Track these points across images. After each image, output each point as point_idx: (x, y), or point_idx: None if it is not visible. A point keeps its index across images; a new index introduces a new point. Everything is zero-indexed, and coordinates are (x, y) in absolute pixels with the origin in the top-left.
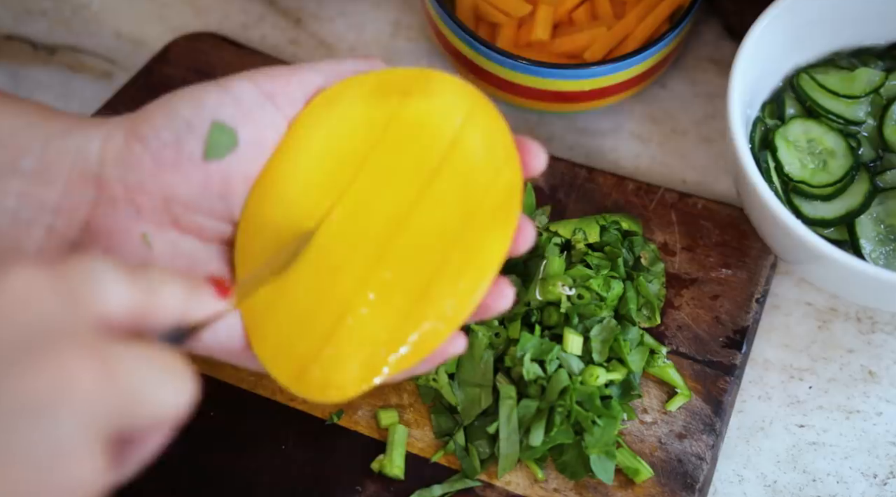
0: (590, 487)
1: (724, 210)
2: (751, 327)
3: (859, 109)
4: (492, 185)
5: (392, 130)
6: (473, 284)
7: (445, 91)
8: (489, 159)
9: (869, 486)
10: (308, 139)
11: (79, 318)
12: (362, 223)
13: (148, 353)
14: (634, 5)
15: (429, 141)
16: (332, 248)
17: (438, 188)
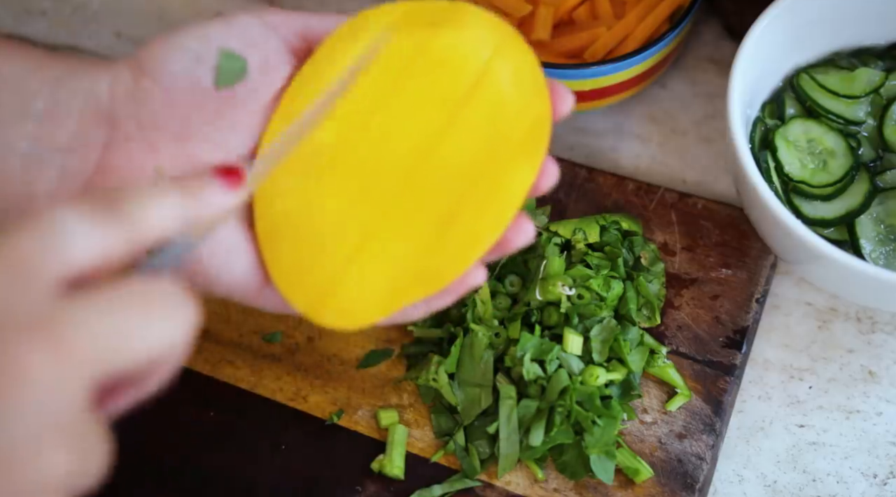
0: (590, 487)
1: (724, 210)
2: (751, 327)
3: (859, 109)
4: (520, 117)
5: (420, 60)
6: (498, 216)
7: (475, 24)
8: (518, 92)
9: (869, 486)
10: (332, 66)
11: (34, 294)
12: (387, 151)
13: (122, 299)
14: (634, 5)
15: (457, 72)
16: (354, 174)
17: (466, 119)
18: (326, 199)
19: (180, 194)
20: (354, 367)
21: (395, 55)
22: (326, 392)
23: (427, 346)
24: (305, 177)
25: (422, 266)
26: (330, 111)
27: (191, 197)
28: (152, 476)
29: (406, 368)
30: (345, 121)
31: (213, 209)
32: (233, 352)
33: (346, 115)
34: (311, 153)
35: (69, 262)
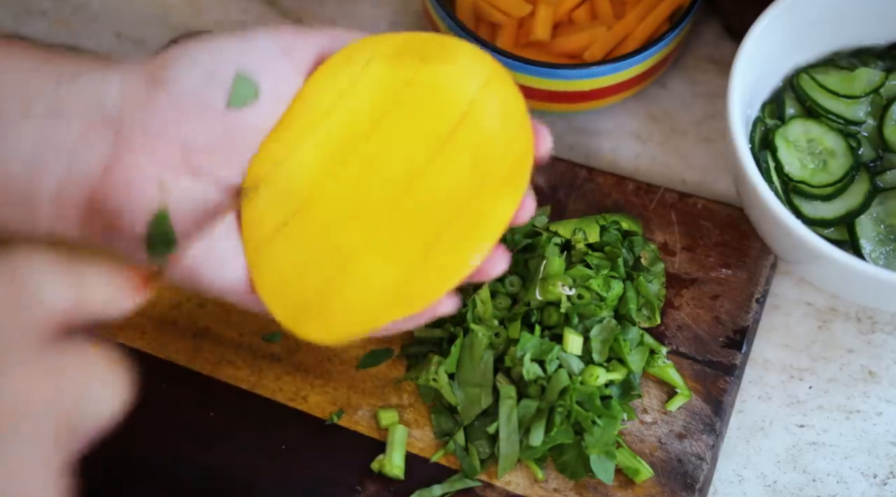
0: (590, 487)
1: (724, 210)
2: (751, 327)
3: (859, 109)
4: (505, 151)
5: (408, 93)
6: (478, 245)
7: (464, 58)
8: (504, 126)
9: (869, 486)
10: (322, 95)
11: (24, 324)
12: (374, 180)
13: (88, 354)
14: (634, 5)
15: (444, 106)
16: (341, 201)
17: (451, 152)
18: (310, 224)
19: (110, 275)
20: (354, 367)
21: (385, 85)
22: (326, 392)
23: (427, 346)
24: (292, 197)
25: (403, 288)
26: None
27: (116, 282)
28: (152, 475)
29: (406, 368)
30: (334, 146)
31: (125, 304)
32: (233, 352)
33: (335, 140)
34: (299, 176)
35: (50, 303)
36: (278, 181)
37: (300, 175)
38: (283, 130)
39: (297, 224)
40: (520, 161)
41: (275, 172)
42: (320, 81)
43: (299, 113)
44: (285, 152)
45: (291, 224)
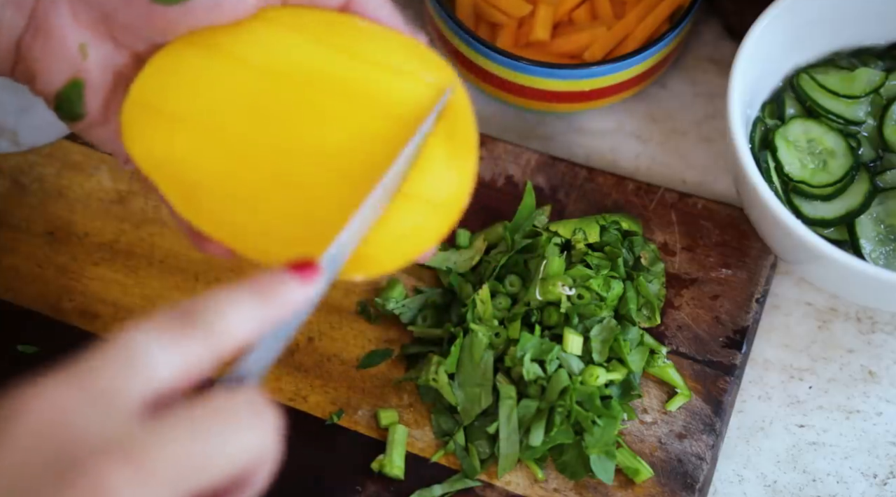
0: (590, 487)
1: (724, 210)
2: (751, 327)
3: (859, 109)
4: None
5: (331, 83)
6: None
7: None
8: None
9: (869, 486)
10: (252, 41)
11: (117, 418)
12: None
13: (201, 418)
14: (634, 5)
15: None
16: (268, 158)
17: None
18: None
19: (258, 298)
20: (354, 367)
21: (306, 64)
22: (326, 392)
23: (427, 346)
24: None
25: (360, 254)
26: (400, 182)
27: (268, 299)
28: None
29: (406, 368)
30: (241, 104)
31: (292, 307)
32: None
33: (244, 97)
34: (223, 133)
35: (151, 384)
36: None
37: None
38: (199, 48)
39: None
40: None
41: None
42: (257, 27)
43: (221, 50)
44: (190, 80)
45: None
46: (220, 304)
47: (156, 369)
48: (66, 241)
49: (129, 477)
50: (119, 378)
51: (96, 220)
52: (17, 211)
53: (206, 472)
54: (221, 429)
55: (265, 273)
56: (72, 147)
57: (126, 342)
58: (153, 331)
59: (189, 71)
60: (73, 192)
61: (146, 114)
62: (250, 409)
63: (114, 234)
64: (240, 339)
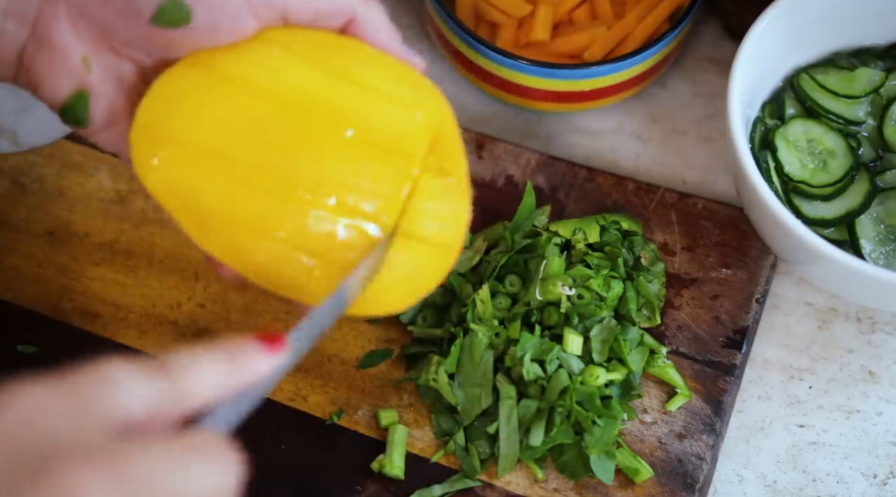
0: (590, 487)
1: (724, 210)
2: (751, 327)
3: (859, 109)
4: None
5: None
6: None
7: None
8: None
9: (869, 486)
10: (252, 63)
11: (90, 429)
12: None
13: (169, 444)
14: (634, 5)
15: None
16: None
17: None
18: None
19: (225, 364)
20: (354, 367)
21: (301, 91)
22: (326, 392)
23: (427, 346)
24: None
25: (363, 295)
26: (382, 262)
27: (234, 366)
28: None
29: (406, 368)
30: (234, 124)
31: (255, 375)
32: None
33: (240, 120)
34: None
35: (123, 408)
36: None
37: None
38: (198, 71)
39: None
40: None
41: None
42: (257, 50)
43: (221, 72)
44: (187, 104)
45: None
46: (191, 362)
47: (128, 397)
48: (66, 241)
49: (102, 483)
50: (96, 394)
51: (96, 220)
52: (17, 211)
53: (169, 493)
54: (189, 457)
55: (235, 341)
56: (72, 147)
57: (105, 367)
58: (129, 367)
59: (193, 95)
60: (73, 192)
61: (154, 138)
62: (216, 448)
63: (114, 234)
64: (203, 396)
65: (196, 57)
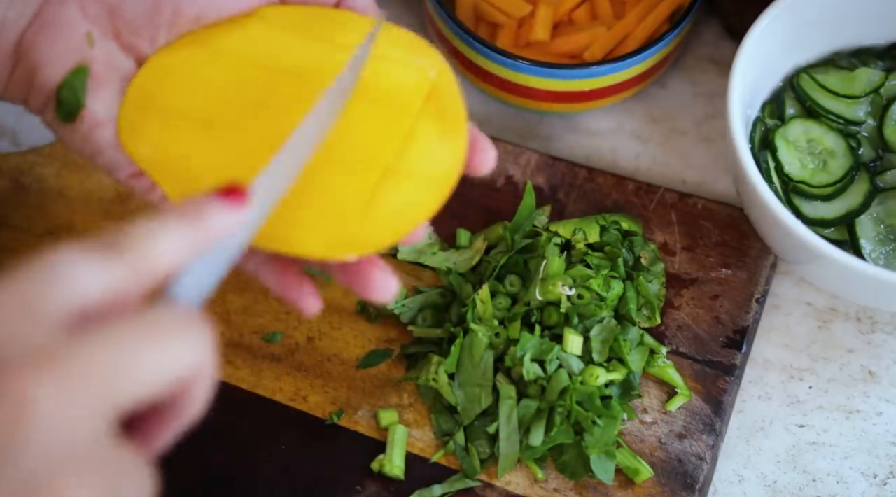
0: (590, 487)
1: (724, 210)
2: (751, 327)
3: (859, 109)
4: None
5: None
6: (418, 196)
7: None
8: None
9: (869, 486)
10: (248, 38)
11: (41, 329)
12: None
13: (127, 327)
14: (634, 5)
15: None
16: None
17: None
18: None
19: (185, 223)
20: (354, 367)
21: (299, 61)
22: (326, 392)
23: (427, 346)
24: (211, 136)
25: (352, 233)
26: (336, 115)
27: (196, 223)
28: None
29: (406, 368)
30: (235, 92)
31: (221, 232)
32: (233, 352)
33: (239, 86)
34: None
35: (74, 298)
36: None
37: (193, 107)
38: (198, 43)
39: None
40: (442, 96)
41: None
42: (255, 22)
43: (220, 40)
44: (187, 74)
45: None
46: (147, 229)
47: (81, 284)
48: (66, 241)
49: (51, 386)
50: (43, 289)
51: (96, 220)
52: (17, 211)
53: (133, 383)
54: (149, 340)
55: (193, 199)
56: None
57: (51, 258)
58: (77, 252)
59: (186, 68)
60: (73, 191)
61: (144, 111)
62: (182, 323)
63: None
64: (168, 263)
65: (190, 35)
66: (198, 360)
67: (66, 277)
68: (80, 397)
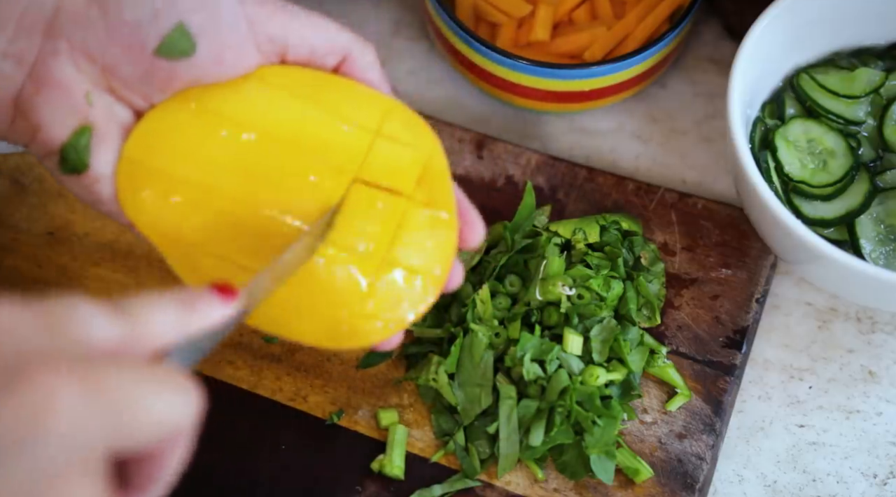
0: (590, 487)
1: (724, 210)
2: (751, 327)
3: (859, 109)
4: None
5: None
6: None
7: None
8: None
9: (869, 486)
10: (243, 100)
11: (60, 344)
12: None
13: (137, 367)
14: (634, 5)
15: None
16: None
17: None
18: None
19: (181, 307)
20: (354, 367)
21: (293, 124)
22: (326, 392)
23: (427, 346)
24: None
25: (350, 325)
26: (323, 238)
27: (190, 310)
28: None
29: (406, 368)
30: (232, 163)
31: (208, 321)
32: (233, 352)
33: (234, 159)
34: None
35: (90, 338)
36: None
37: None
38: (195, 106)
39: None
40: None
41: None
42: (249, 88)
43: (217, 105)
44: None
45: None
46: (150, 302)
47: (94, 327)
48: (66, 241)
49: (73, 390)
50: (67, 318)
51: (96, 220)
52: (17, 211)
53: (135, 426)
54: (155, 384)
55: (191, 290)
56: None
57: (70, 300)
58: (91, 303)
59: (181, 130)
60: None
61: (140, 174)
62: (177, 379)
63: (114, 234)
64: (162, 334)
65: (186, 93)
66: (186, 419)
67: (85, 317)
68: (97, 408)
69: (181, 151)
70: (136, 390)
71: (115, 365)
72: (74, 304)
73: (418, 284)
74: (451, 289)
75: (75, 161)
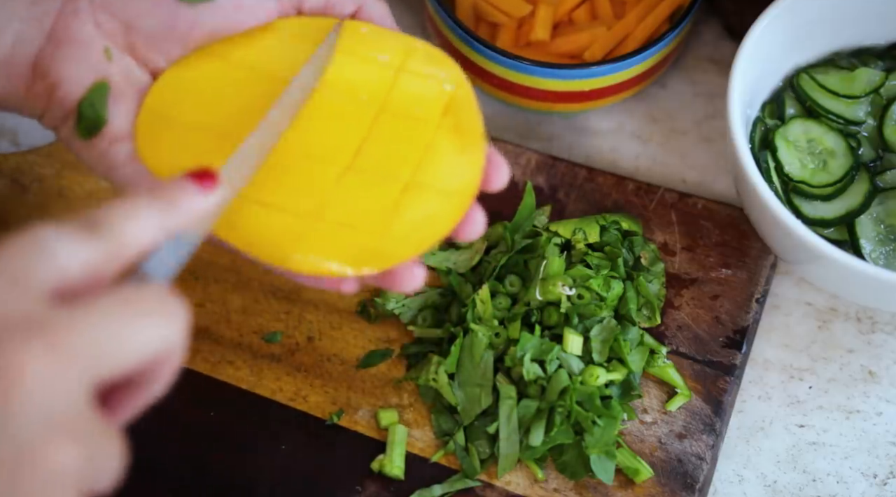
0: (590, 487)
1: (724, 210)
2: (751, 327)
3: (859, 109)
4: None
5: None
6: (441, 211)
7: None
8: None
9: (869, 486)
10: (263, 49)
11: (26, 301)
12: (320, 148)
13: (113, 300)
14: (634, 5)
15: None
16: (294, 169)
17: (386, 120)
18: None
19: (158, 206)
20: (354, 367)
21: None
22: (326, 392)
23: (427, 346)
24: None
25: (372, 247)
26: (299, 108)
27: (168, 207)
28: (151, 476)
29: (406, 368)
30: (251, 104)
31: (192, 214)
32: (233, 352)
33: (256, 100)
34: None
35: (58, 273)
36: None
37: (207, 120)
38: (212, 56)
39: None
40: (459, 112)
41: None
42: (268, 36)
43: (236, 52)
44: (200, 87)
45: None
46: (123, 211)
47: (62, 260)
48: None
49: (41, 356)
50: (29, 264)
51: None
52: (17, 211)
53: (116, 357)
54: (131, 315)
55: (166, 182)
56: None
57: (34, 235)
58: (58, 230)
59: (201, 81)
60: (73, 192)
61: (160, 124)
62: (158, 301)
63: None
64: (141, 243)
65: (205, 49)
66: (173, 337)
67: (49, 253)
68: (68, 367)
69: (201, 100)
70: (112, 330)
71: (84, 309)
72: (38, 237)
73: (444, 204)
74: (469, 238)
75: (92, 117)
